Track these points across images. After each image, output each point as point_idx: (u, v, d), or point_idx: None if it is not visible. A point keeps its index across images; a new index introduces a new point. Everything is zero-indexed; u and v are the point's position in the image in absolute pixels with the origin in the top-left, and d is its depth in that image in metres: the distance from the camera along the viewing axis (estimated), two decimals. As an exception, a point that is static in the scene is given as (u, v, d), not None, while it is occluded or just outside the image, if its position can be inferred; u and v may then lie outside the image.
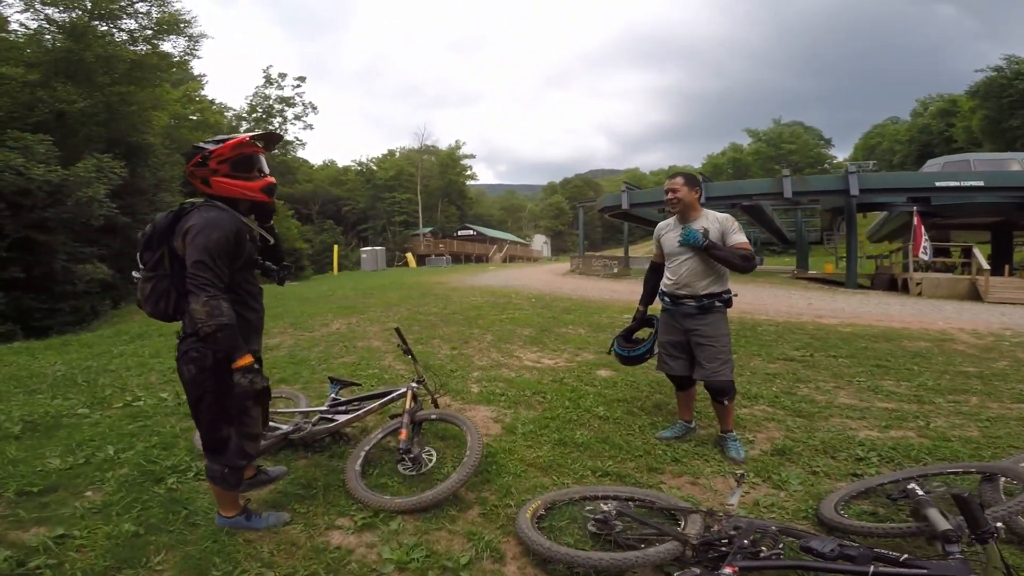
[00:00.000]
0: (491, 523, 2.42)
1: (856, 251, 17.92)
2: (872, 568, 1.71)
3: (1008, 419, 3.73)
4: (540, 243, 66.76)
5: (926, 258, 14.83)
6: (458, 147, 60.24)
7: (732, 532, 1.95)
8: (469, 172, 62.71)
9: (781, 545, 1.94)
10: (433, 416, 3.12)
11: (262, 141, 2.26)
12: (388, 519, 2.41)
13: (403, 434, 2.81)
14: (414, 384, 3.11)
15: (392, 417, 3.17)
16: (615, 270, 21.62)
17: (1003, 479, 2.39)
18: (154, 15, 19.73)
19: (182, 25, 20.55)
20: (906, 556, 1.76)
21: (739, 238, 3.10)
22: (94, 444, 3.32)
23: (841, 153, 68.79)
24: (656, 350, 3.47)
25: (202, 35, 21.58)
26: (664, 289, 3.33)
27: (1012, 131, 38.83)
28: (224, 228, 2.04)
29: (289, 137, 39.97)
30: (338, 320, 8.54)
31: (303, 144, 43.86)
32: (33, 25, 17.76)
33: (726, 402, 3.18)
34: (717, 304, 3.15)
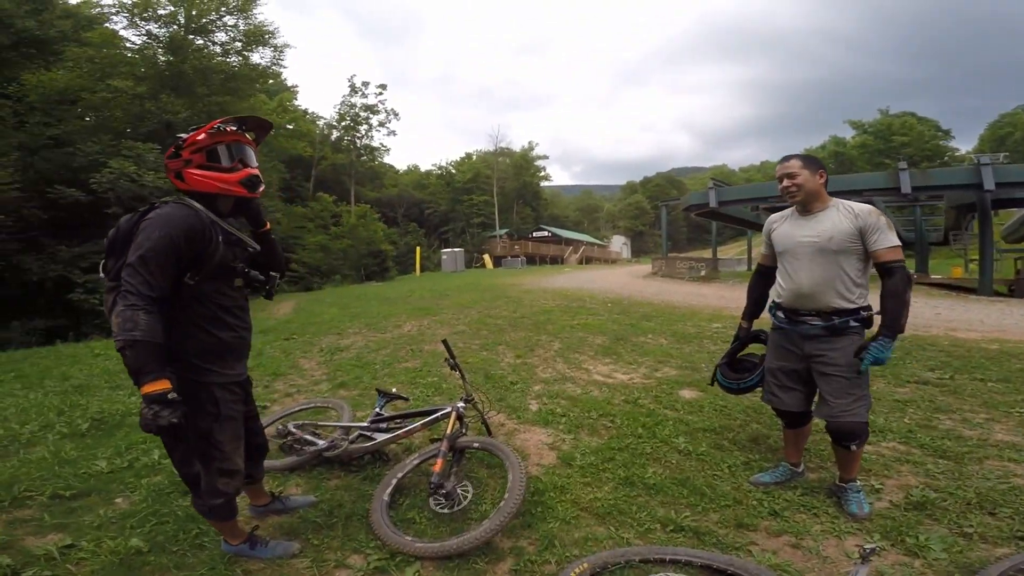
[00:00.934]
0: None
1: (992, 253, 15.41)
2: None
3: None
4: (619, 244, 64.97)
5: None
6: (531, 148, 60.44)
7: None
8: (543, 173, 62.65)
9: None
10: (475, 444, 2.73)
11: (247, 128, 1.97)
12: (404, 564, 2.08)
13: (438, 465, 2.44)
14: (460, 404, 2.76)
15: (432, 441, 2.82)
16: (702, 272, 20.23)
17: None
18: (241, 27, 21.19)
19: (267, 36, 21.95)
20: None
21: (889, 240, 2.33)
22: (144, 447, 3.28)
23: (964, 145, 60.66)
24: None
25: (285, 45, 22.92)
26: (778, 301, 2.63)
27: None
28: (172, 227, 1.74)
29: (375, 144, 41.81)
30: (411, 321, 8.49)
31: (388, 150, 45.83)
32: (138, 41, 19.67)
33: (854, 448, 2.45)
34: (852, 324, 2.42)
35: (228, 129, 1.90)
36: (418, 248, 34.60)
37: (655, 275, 22.56)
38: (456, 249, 36.07)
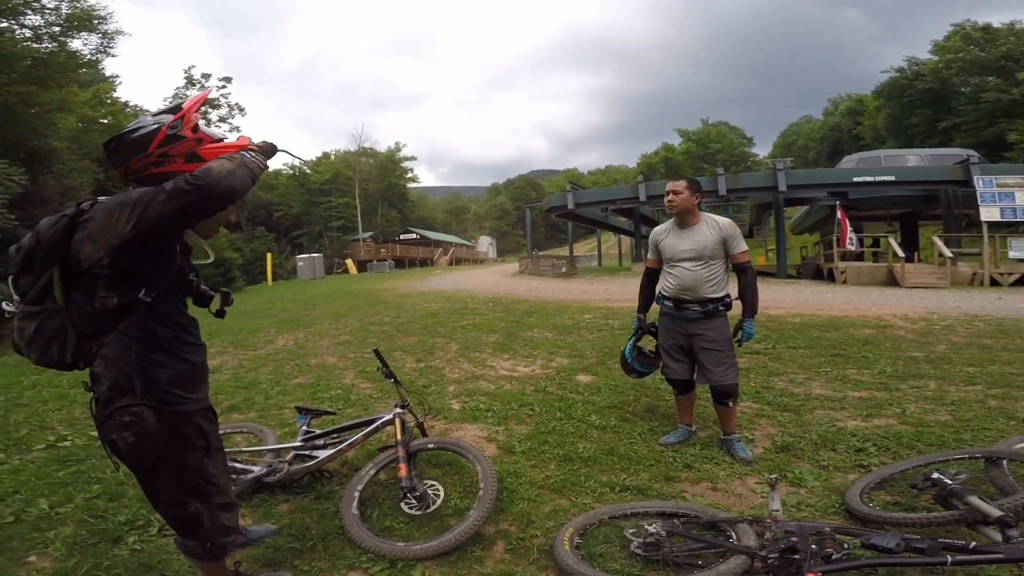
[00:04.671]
0: (523, 559, 2.21)
1: (785, 243, 19.05)
2: (950, 558, 1.74)
3: (970, 402, 3.93)
4: (486, 245, 66.59)
5: (854, 248, 15.96)
6: (398, 149, 59.00)
7: (792, 539, 1.89)
8: (410, 174, 61.62)
9: (846, 545, 1.91)
10: (431, 445, 2.84)
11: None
12: (408, 568, 2.13)
13: (403, 470, 2.50)
14: (399, 410, 2.81)
15: (381, 450, 2.87)
16: (563, 269, 21.81)
17: (1006, 463, 2.47)
18: (64, 11, 17.77)
19: (96, 21, 18.66)
20: (974, 543, 1.79)
21: (741, 245, 3.13)
22: (21, 497, 2.80)
23: (761, 151, 73.34)
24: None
25: (118, 32, 19.69)
26: (666, 294, 3.27)
27: (912, 128, 42.85)
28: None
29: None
30: (283, 335, 7.99)
31: (229, 148, 41.33)
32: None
33: (731, 404, 3.16)
34: (720, 308, 3.15)
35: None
36: (269, 254, 31.89)
37: (523, 273, 23.74)
38: (314, 254, 33.95)
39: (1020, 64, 36.94)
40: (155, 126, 1.56)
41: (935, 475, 2.35)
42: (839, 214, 15.92)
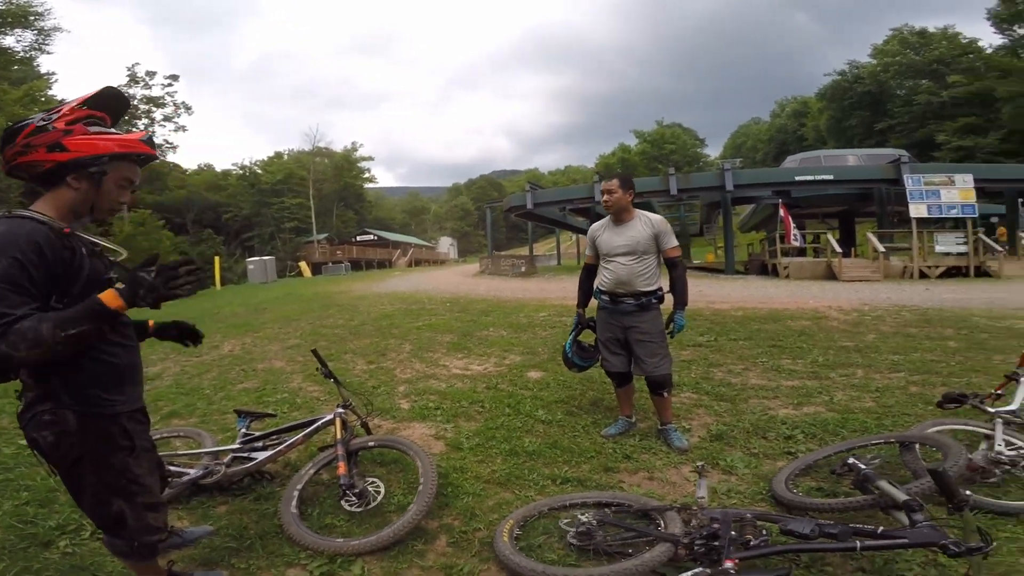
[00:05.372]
0: (464, 551, 2.25)
1: (732, 241, 19.80)
2: (859, 543, 1.80)
3: (893, 388, 4.19)
4: (446, 245, 66.22)
5: (798, 244, 16.75)
6: (355, 149, 57.89)
7: (715, 525, 1.97)
8: (367, 174, 60.56)
9: (764, 531, 1.99)
10: (371, 444, 2.87)
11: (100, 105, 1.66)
12: (348, 564, 2.15)
13: (341, 468, 2.52)
14: (340, 409, 2.84)
15: (321, 449, 2.87)
16: (523, 269, 21.94)
17: (917, 446, 2.63)
18: None
19: (31, 18, 17.50)
20: (882, 528, 1.86)
21: (672, 241, 3.26)
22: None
23: (713, 152, 76.00)
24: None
25: (56, 29, 18.62)
26: (603, 288, 3.37)
27: (851, 129, 45.39)
28: (15, 249, 1.41)
29: (157, 140, 35.96)
30: (230, 341, 7.75)
31: (174, 147, 39.62)
32: None
33: (665, 394, 3.29)
34: (653, 301, 3.27)
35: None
36: (217, 258, 30.65)
37: (483, 273, 23.75)
38: (265, 257, 32.83)
39: (951, 68, 39.72)
40: (30, 120, 1.57)
41: (851, 460, 2.48)
42: (782, 212, 16.66)
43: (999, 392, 3.13)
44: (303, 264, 36.90)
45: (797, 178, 18.30)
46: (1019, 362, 3.22)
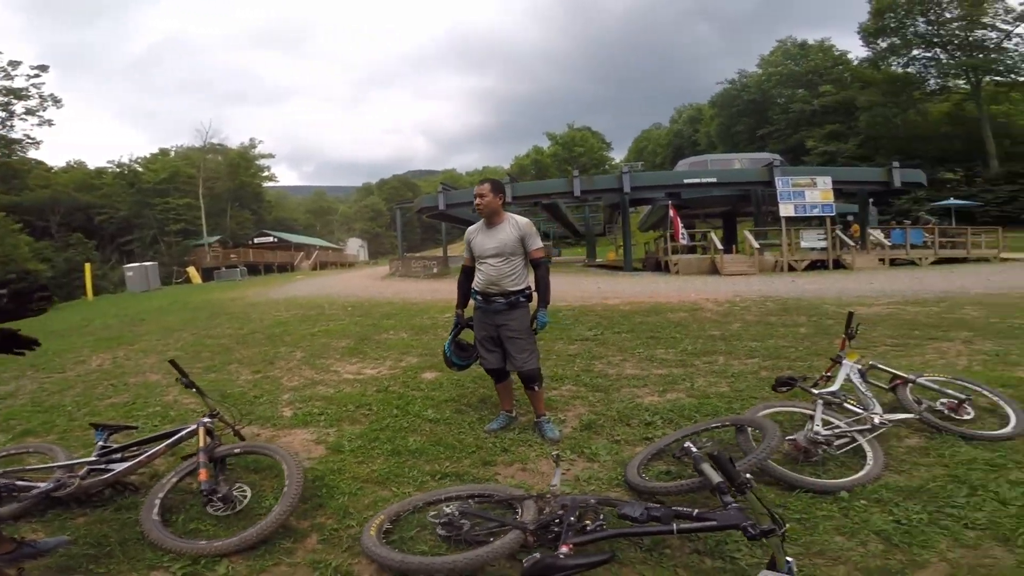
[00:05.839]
0: (335, 548, 2.31)
1: (630, 240, 21.05)
2: (675, 525, 1.91)
3: (746, 373, 4.65)
4: (356, 247, 63.91)
5: (685, 242, 18.13)
6: (253, 145, 54.07)
7: (560, 511, 2.12)
8: (267, 173, 56.90)
9: (602, 516, 2.14)
10: (237, 450, 2.87)
11: None
12: (213, 564, 2.16)
13: (203, 474, 2.53)
14: (206, 419, 2.83)
15: (185, 458, 2.84)
16: (435, 270, 21.82)
17: (750, 429, 2.86)
18: None
19: None
20: (698, 510, 1.98)
21: (536, 243, 3.45)
22: None
23: (619, 155, 79.81)
24: None
25: None
26: (476, 289, 3.52)
27: (738, 135, 49.91)
28: None
29: (16, 135, 31.62)
30: (99, 355, 7.07)
31: (36, 143, 34.64)
32: None
33: (536, 388, 3.49)
34: (521, 299, 3.44)
35: None
36: (88, 265, 27.37)
37: (393, 276, 23.30)
38: (147, 263, 29.78)
39: (823, 78, 44.79)
40: None
41: (687, 445, 2.66)
42: (671, 212, 17.98)
43: (828, 375, 3.48)
44: (192, 270, 33.94)
45: (686, 181, 19.82)
46: (840, 346, 3.63)
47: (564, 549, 1.85)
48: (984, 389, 3.53)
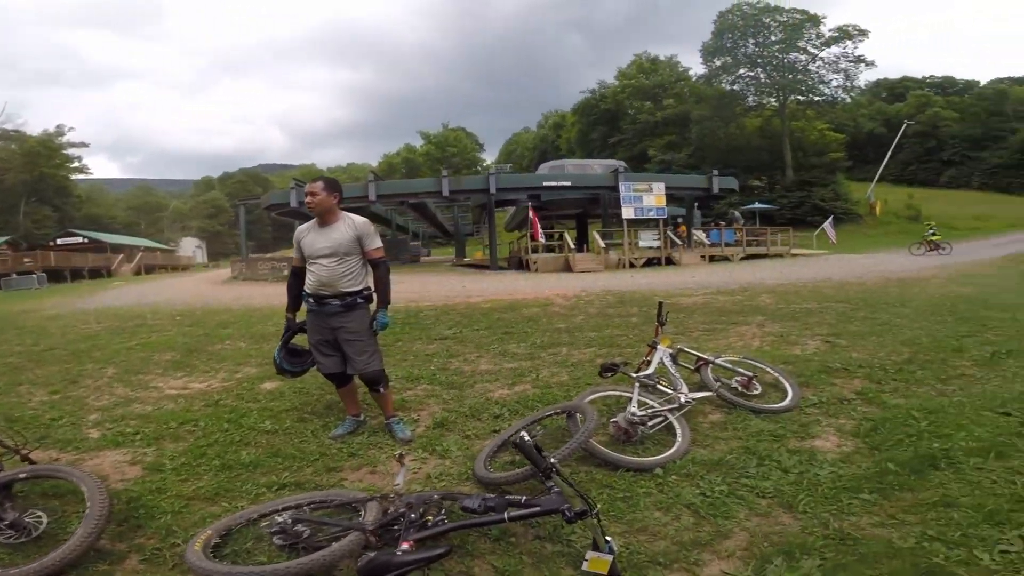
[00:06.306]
0: (159, 567, 2.22)
1: (496, 239, 21.69)
2: (508, 514, 1.97)
3: (584, 362, 4.97)
4: (191, 248, 56.72)
5: (543, 242, 19.14)
6: (60, 133, 45.26)
7: (403, 510, 2.13)
8: (76, 164, 48.06)
9: (444, 511, 2.18)
10: (23, 475, 2.58)
11: None
12: None
13: None
14: None
15: None
16: (286, 272, 20.18)
17: (578, 415, 3.00)
18: None
19: None
20: (526, 498, 2.06)
21: (375, 243, 3.33)
22: None
23: (491, 156, 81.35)
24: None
25: None
26: (308, 291, 3.34)
27: (593, 142, 53.87)
28: None
29: None
30: None
31: None
32: None
33: (382, 390, 3.42)
34: (359, 300, 3.32)
35: None
36: None
37: (235, 279, 21.14)
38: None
39: (667, 92, 49.98)
40: None
41: (522, 434, 2.66)
42: (531, 213, 18.90)
43: (648, 359, 3.77)
44: (-33, 277, 27.46)
45: (545, 183, 20.96)
46: (655, 332, 4.02)
47: (404, 546, 1.86)
48: (768, 367, 4.08)
